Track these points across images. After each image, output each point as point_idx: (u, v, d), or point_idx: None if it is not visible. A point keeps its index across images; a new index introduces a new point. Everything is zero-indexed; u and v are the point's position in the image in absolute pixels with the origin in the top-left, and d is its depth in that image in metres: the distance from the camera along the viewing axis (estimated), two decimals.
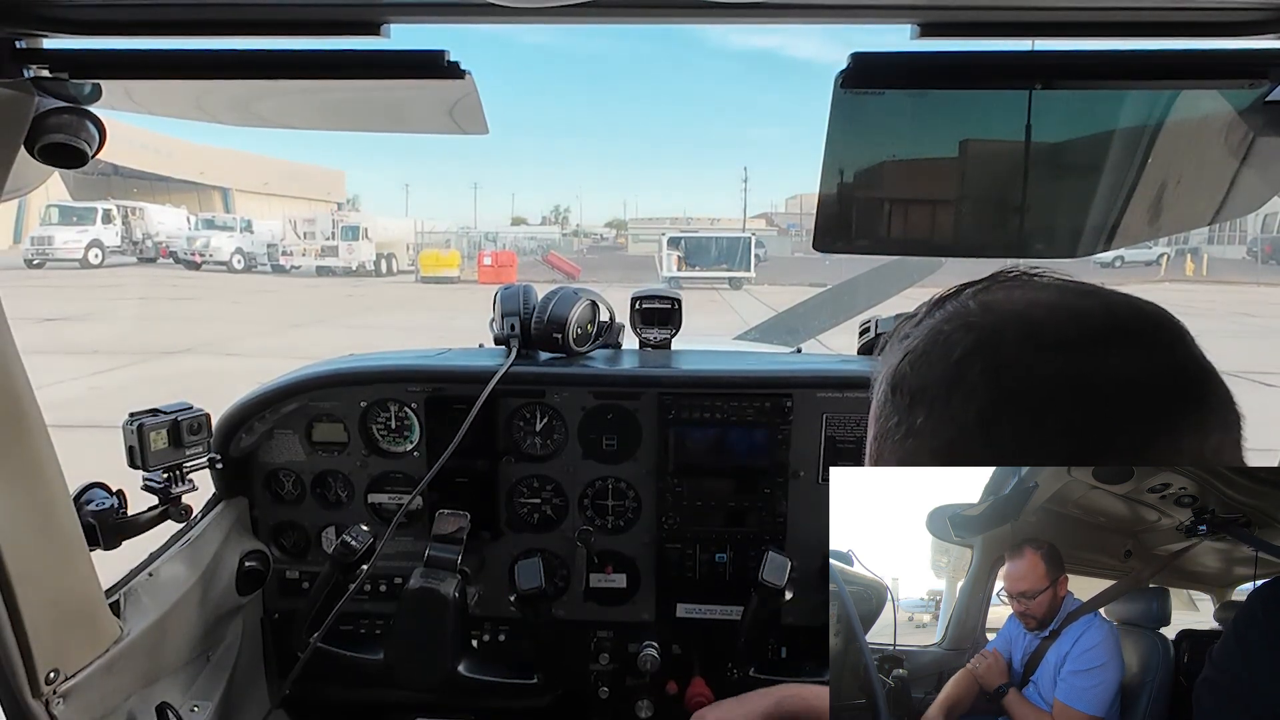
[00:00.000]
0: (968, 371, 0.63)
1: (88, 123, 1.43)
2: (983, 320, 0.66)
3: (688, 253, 32.56)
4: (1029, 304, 0.66)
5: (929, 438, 0.65)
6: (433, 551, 1.81)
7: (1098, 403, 0.58)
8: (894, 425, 0.69)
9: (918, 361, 0.67)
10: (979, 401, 0.62)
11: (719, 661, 1.92)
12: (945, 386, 0.64)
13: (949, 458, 0.63)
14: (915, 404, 0.66)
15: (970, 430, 0.62)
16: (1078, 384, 0.59)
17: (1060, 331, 0.62)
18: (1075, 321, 0.63)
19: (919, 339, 0.69)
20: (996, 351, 0.63)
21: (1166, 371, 0.60)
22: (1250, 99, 1.34)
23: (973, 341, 0.64)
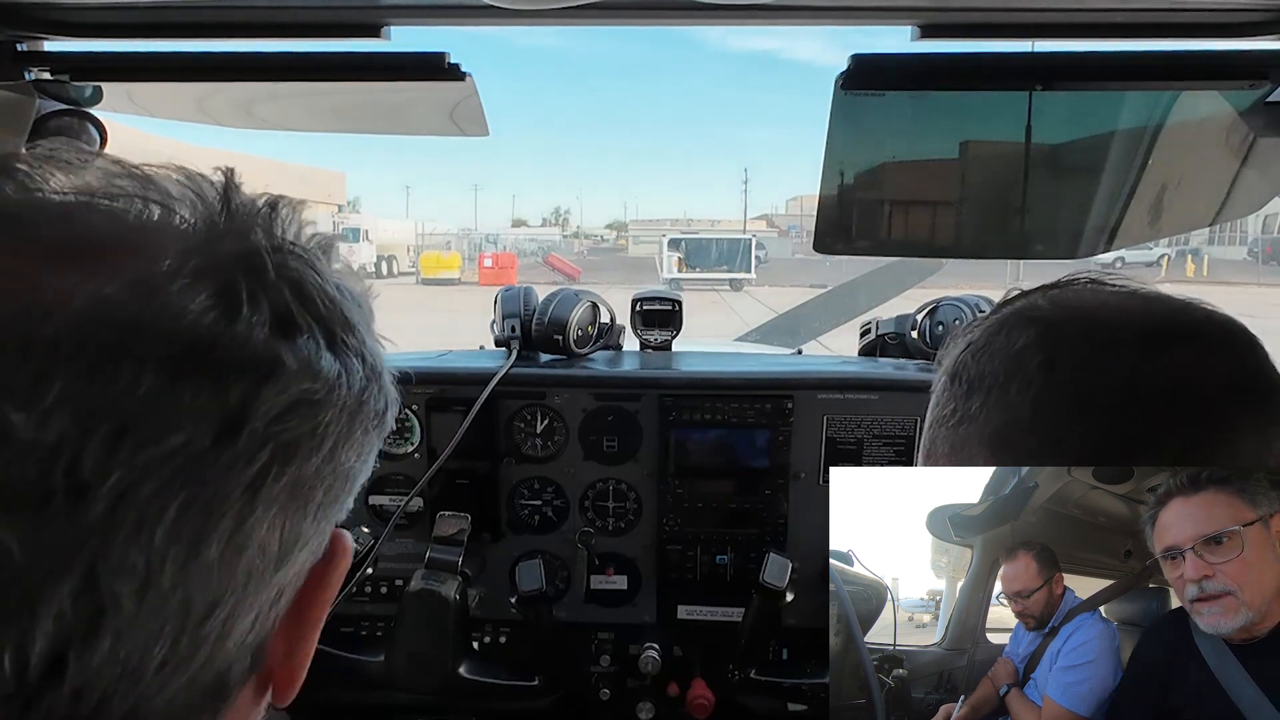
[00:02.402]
0: (1027, 363, 0.64)
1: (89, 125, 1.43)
2: (1048, 315, 0.67)
3: (688, 254, 32.58)
4: (1098, 304, 0.67)
5: (981, 424, 0.65)
6: (433, 553, 1.81)
7: (1148, 400, 0.59)
8: (949, 413, 0.69)
9: (979, 352, 0.68)
10: (1034, 391, 0.62)
11: (720, 663, 1.92)
12: (1003, 375, 0.65)
13: (999, 445, 0.64)
14: (972, 392, 0.67)
15: (1022, 418, 0.62)
16: (1131, 381, 0.60)
17: (1121, 330, 0.63)
18: (1138, 322, 0.64)
19: (982, 332, 0.70)
20: (1056, 345, 0.64)
21: (1229, 377, 0.60)
22: (1250, 100, 1.34)
23: (1034, 334, 0.65)
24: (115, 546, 0.37)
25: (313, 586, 0.50)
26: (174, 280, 0.39)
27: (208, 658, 0.42)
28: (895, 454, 1.90)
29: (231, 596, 0.41)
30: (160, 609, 0.38)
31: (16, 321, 0.36)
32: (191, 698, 0.42)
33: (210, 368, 0.39)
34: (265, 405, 0.41)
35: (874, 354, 2.25)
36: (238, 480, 0.40)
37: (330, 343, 0.46)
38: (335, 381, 0.45)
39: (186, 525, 0.38)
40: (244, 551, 0.41)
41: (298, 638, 0.50)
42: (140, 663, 0.39)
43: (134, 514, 0.37)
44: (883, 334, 2.24)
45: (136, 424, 0.37)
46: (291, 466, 0.43)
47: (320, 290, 0.46)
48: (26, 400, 0.35)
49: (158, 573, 0.38)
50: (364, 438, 0.50)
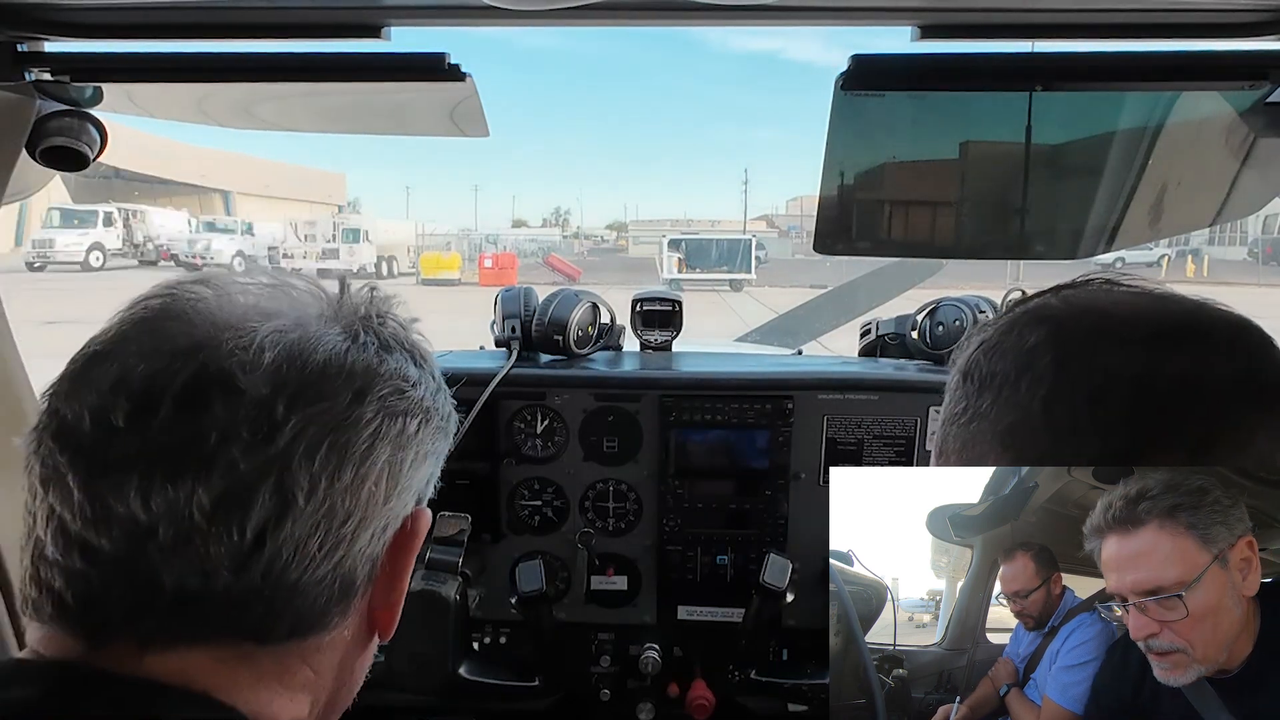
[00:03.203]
0: (1038, 360, 0.64)
1: (89, 126, 1.43)
2: (1061, 314, 0.67)
3: (688, 255, 32.54)
4: (1111, 303, 0.67)
5: (992, 421, 0.65)
6: (433, 554, 1.81)
7: (1158, 398, 0.59)
8: (960, 410, 0.69)
9: (991, 351, 0.68)
10: (1044, 389, 0.62)
11: (720, 664, 1.92)
12: (1014, 373, 0.65)
13: (1009, 441, 0.64)
14: (984, 389, 0.67)
15: (1032, 416, 0.62)
16: (1141, 378, 0.59)
17: (1133, 328, 0.63)
18: (1151, 320, 0.64)
19: (995, 330, 0.70)
20: (1068, 342, 0.64)
21: (1241, 377, 0.60)
22: (1250, 100, 1.34)
23: (1046, 332, 0.65)
24: (292, 465, 0.61)
25: (402, 540, 0.72)
26: (318, 323, 0.67)
27: (344, 554, 0.64)
28: (895, 454, 1.90)
29: (358, 512, 0.65)
30: (318, 509, 0.62)
31: (239, 339, 0.63)
32: (332, 587, 0.65)
33: (346, 365, 0.66)
34: (379, 387, 0.67)
35: (874, 354, 2.25)
36: (364, 432, 0.65)
37: (414, 360, 0.73)
38: (418, 381, 0.72)
39: (333, 457, 0.63)
40: (365, 481, 0.65)
41: (393, 582, 0.73)
42: (308, 543, 0.62)
43: (303, 446, 0.61)
44: (883, 334, 2.24)
45: (304, 393, 0.62)
46: (395, 427, 0.67)
47: (404, 332, 0.75)
48: (249, 377, 0.61)
49: (317, 485, 0.62)
50: (437, 431, 0.74)
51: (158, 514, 0.58)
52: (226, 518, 0.59)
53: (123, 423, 0.59)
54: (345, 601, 0.67)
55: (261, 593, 0.61)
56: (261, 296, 0.68)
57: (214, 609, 0.60)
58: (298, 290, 0.71)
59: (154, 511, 0.58)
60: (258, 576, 0.60)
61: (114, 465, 0.59)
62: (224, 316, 0.65)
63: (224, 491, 0.59)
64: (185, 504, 0.58)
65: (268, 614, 0.62)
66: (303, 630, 0.65)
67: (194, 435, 0.59)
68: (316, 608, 0.64)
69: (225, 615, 0.61)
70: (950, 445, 0.70)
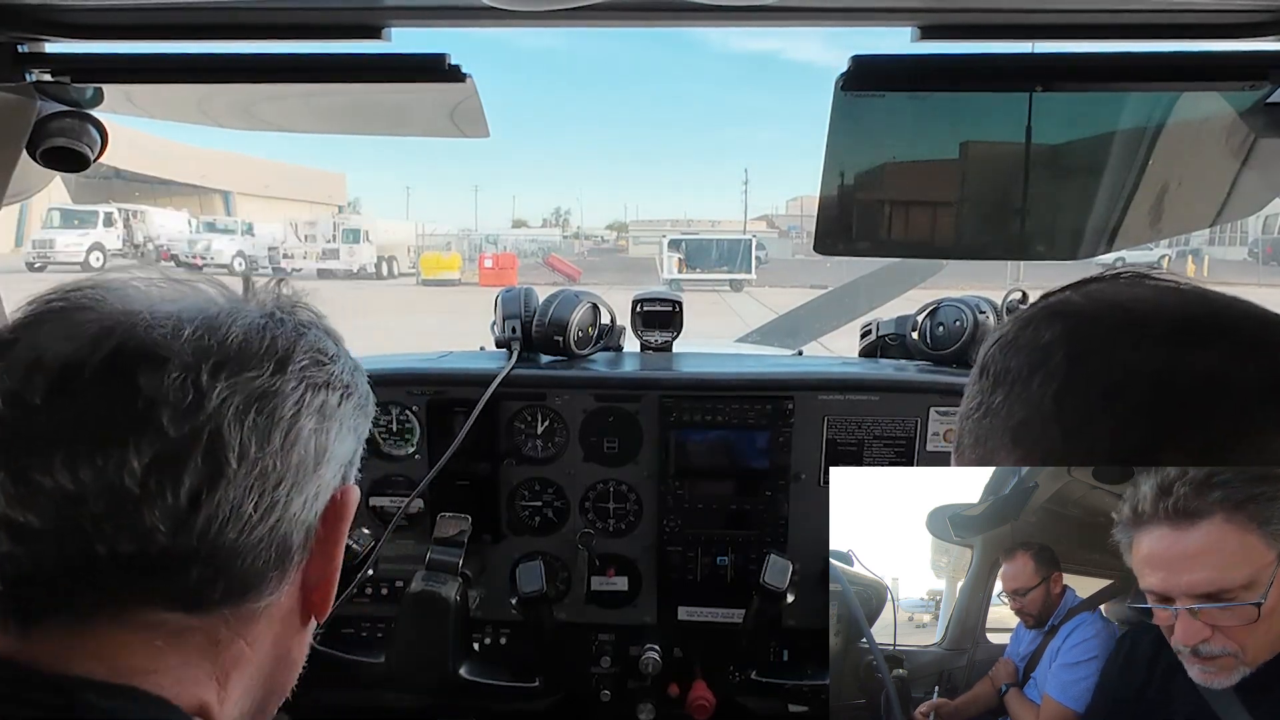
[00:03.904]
0: (1052, 355, 0.63)
1: (89, 126, 1.43)
2: (1080, 309, 0.66)
3: (688, 255, 32.53)
4: (1133, 298, 0.65)
5: (1004, 417, 0.65)
6: (434, 554, 1.81)
7: (1177, 395, 0.57)
8: (975, 405, 0.69)
9: (1007, 346, 0.68)
10: (1056, 383, 0.61)
11: (721, 664, 1.92)
12: (1027, 369, 0.64)
13: (1022, 436, 0.63)
14: (997, 385, 0.66)
15: (1044, 410, 0.62)
16: (1159, 374, 0.58)
17: (1153, 324, 0.61)
18: (1172, 316, 0.62)
19: (1013, 326, 0.69)
20: (1084, 338, 0.63)
21: (1264, 376, 0.57)
22: (1250, 101, 1.34)
23: (1062, 328, 0.64)
24: (223, 429, 0.63)
25: (332, 513, 0.75)
26: (245, 306, 0.72)
27: (279, 518, 0.67)
28: (896, 454, 1.90)
29: (290, 476, 0.67)
30: (250, 471, 0.64)
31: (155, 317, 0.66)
32: (269, 550, 0.67)
33: (265, 338, 0.69)
34: (298, 358, 0.70)
35: (874, 355, 2.25)
36: (288, 401, 0.68)
37: (329, 336, 0.78)
38: (336, 355, 0.76)
39: (260, 423, 0.65)
40: (294, 447, 0.68)
41: (327, 556, 0.76)
42: (243, 504, 0.64)
43: (231, 412, 0.64)
44: (883, 335, 2.24)
45: (227, 362, 0.65)
46: (318, 399, 0.71)
47: (316, 317, 0.79)
48: (170, 348, 0.64)
49: (248, 449, 0.64)
50: (358, 409, 0.78)
51: (87, 484, 0.59)
52: (160, 481, 0.60)
53: (40, 400, 0.60)
54: (282, 566, 0.69)
55: (199, 553, 0.62)
56: (164, 291, 0.70)
57: (151, 571, 0.62)
58: (200, 286, 0.73)
59: (83, 482, 0.59)
60: (194, 538, 0.62)
61: (36, 442, 0.60)
62: (132, 305, 0.67)
63: (155, 456, 0.60)
64: (116, 471, 0.59)
65: (205, 576, 0.64)
66: (239, 593, 0.67)
67: (120, 405, 0.61)
68: (254, 570, 0.66)
69: (162, 578, 0.62)
70: (965, 441, 0.69)
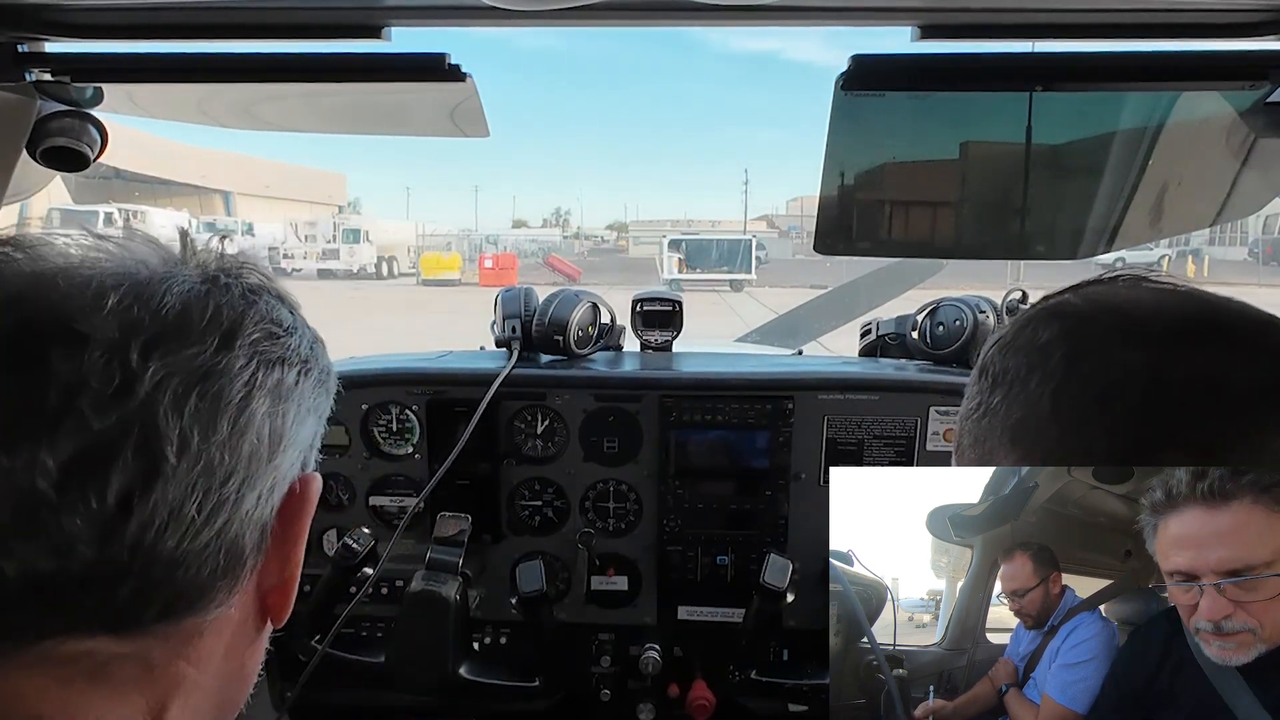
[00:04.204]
0: (1051, 355, 0.63)
1: (89, 126, 1.43)
2: (1078, 310, 0.66)
3: (689, 255, 32.56)
4: (1131, 300, 0.66)
5: (1002, 417, 0.65)
6: (434, 554, 1.81)
7: (1174, 395, 0.57)
8: (974, 406, 0.69)
9: (1006, 347, 0.68)
10: (1054, 383, 0.62)
11: (721, 664, 1.92)
12: (1025, 369, 0.64)
13: (1018, 437, 0.64)
14: (996, 385, 0.67)
15: (1041, 410, 0.62)
16: (1157, 375, 0.58)
17: (1150, 325, 0.62)
18: (1169, 317, 0.62)
19: (1012, 327, 0.70)
20: (1081, 338, 0.63)
21: (1261, 376, 0.58)
22: (1250, 100, 1.34)
23: (1060, 329, 0.65)
24: (158, 420, 0.53)
25: (291, 506, 0.65)
26: (165, 267, 0.60)
27: (227, 519, 0.57)
28: (896, 454, 1.90)
29: (240, 470, 0.57)
30: (193, 468, 0.54)
31: (72, 285, 0.55)
32: (217, 556, 0.57)
33: (208, 308, 0.59)
34: (249, 331, 0.60)
35: (874, 354, 2.25)
36: (237, 381, 0.58)
37: (283, 303, 0.67)
38: (292, 326, 0.65)
39: (204, 408, 0.55)
40: (245, 434, 0.58)
41: (286, 555, 0.66)
42: (183, 508, 0.54)
43: (168, 397, 0.53)
44: (883, 334, 2.24)
45: (162, 337, 0.55)
46: (272, 376, 0.61)
47: (268, 279, 0.67)
48: (91, 321, 0.53)
49: (188, 440, 0.54)
50: (318, 385, 0.68)
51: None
52: (81, 484, 0.51)
53: None
54: (233, 574, 0.60)
55: (130, 568, 0.53)
56: (86, 251, 0.59)
57: (71, 593, 0.52)
58: (131, 244, 0.61)
59: None
60: (125, 549, 0.52)
61: None
62: (45, 268, 0.56)
63: (75, 454, 0.50)
64: (25, 474, 0.50)
65: (139, 592, 0.54)
66: (180, 609, 0.57)
67: (27, 395, 0.51)
68: (199, 581, 0.57)
69: (86, 600, 0.53)
70: (965, 441, 0.70)
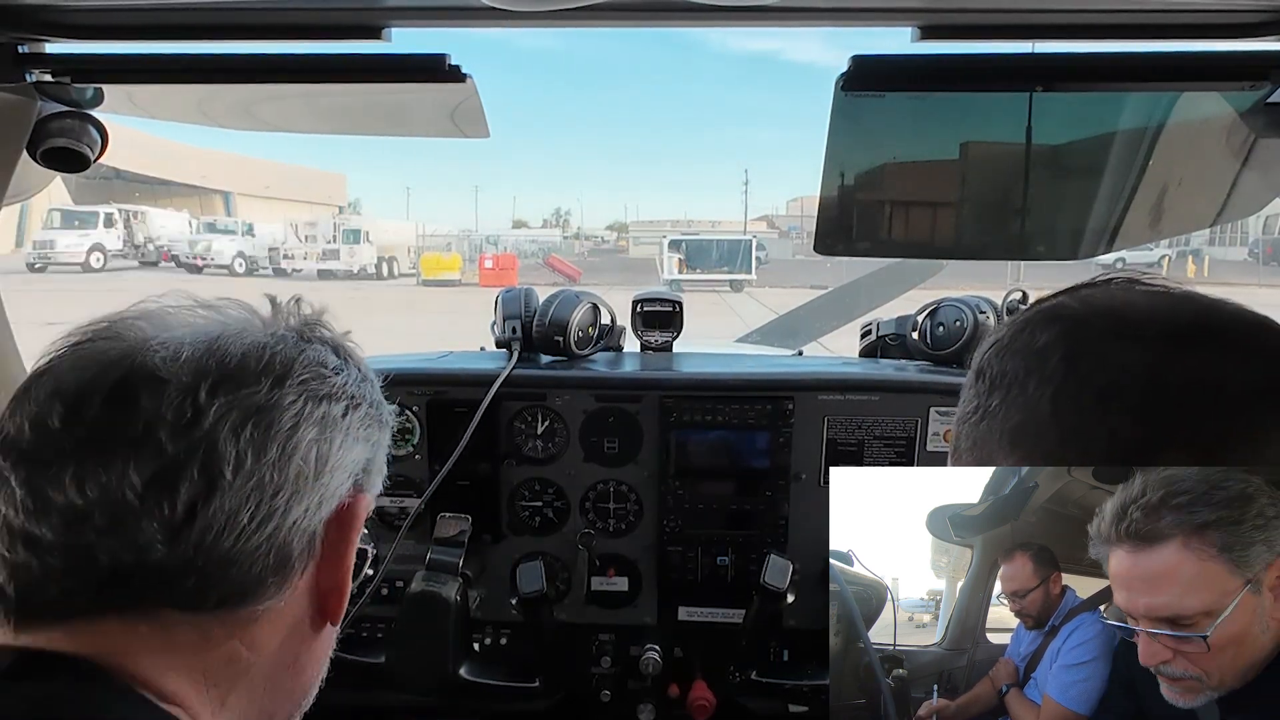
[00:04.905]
0: (1048, 358, 0.63)
1: (90, 127, 1.43)
2: (1075, 313, 0.67)
3: (689, 255, 32.53)
4: (1126, 302, 0.66)
5: (1001, 420, 0.65)
6: (434, 555, 1.81)
7: (1172, 397, 0.58)
8: (972, 409, 0.69)
9: (1003, 350, 0.68)
10: (1052, 386, 0.62)
11: (721, 664, 1.92)
12: (1023, 372, 0.64)
13: (1017, 440, 0.64)
14: (994, 388, 0.67)
15: (1040, 413, 0.62)
16: (1153, 377, 0.58)
17: (1146, 326, 0.62)
18: (1164, 319, 0.63)
19: (1009, 330, 0.70)
20: (1079, 340, 0.63)
21: (1257, 377, 0.58)
22: (1251, 101, 1.34)
23: (1058, 331, 0.65)
24: (218, 445, 0.67)
25: (340, 520, 0.76)
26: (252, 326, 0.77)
27: (276, 526, 0.69)
28: (896, 454, 1.90)
29: (288, 486, 0.70)
30: (245, 484, 0.67)
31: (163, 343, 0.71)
32: (267, 557, 0.69)
33: (265, 356, 0.72)
34: (298, 373, 0.73)
35: (875, 355, 2.25)
36: (287, 414, 0.71)
37: (334, 351, 0.80)
38: (339, 368, 0.78)
39: (257, 436, 0.68)
40: (293, 457, 0.70)
41: (336, 562, 0.77)
42: (239, 514, 0.67)
43: (228, 426, 0.67)
44: (883, 335, 2.24)
45: (225, 381, 0.69)
46: (319, 410, 0.73)
47: (324, 329, 0.82)
48: (169, 370, 0.68)
49: (244, 461, 0.67)
50: (367, 419, 0.80)
51: (93, 499, 0.64)
52: (158, 495, 0.64)
53: (58, 423, 0.66)
54: (282, 573, 0.71)
55: (194, 562, 0.66)
56: (187, 316, 0.76)
57: (147, 580, 0.65)
58: (229, 310, 0.78)
59: (89, 497, 0.64)
60: (190, 547, 0.65)
61: (51, 461, 0.65)
62: (146, 333, 0.72)
63: (155, 472, 0.65)
64: (118, 486, 0.64)
65: (201, 583, 0.67)
66: (236, 598, 0.69)
67: (123, 425, 0.65)
68: (251, 576, 0.69)
69: (158, 586, 0.66)
70: (962, 444, 0.70)
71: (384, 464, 0.85)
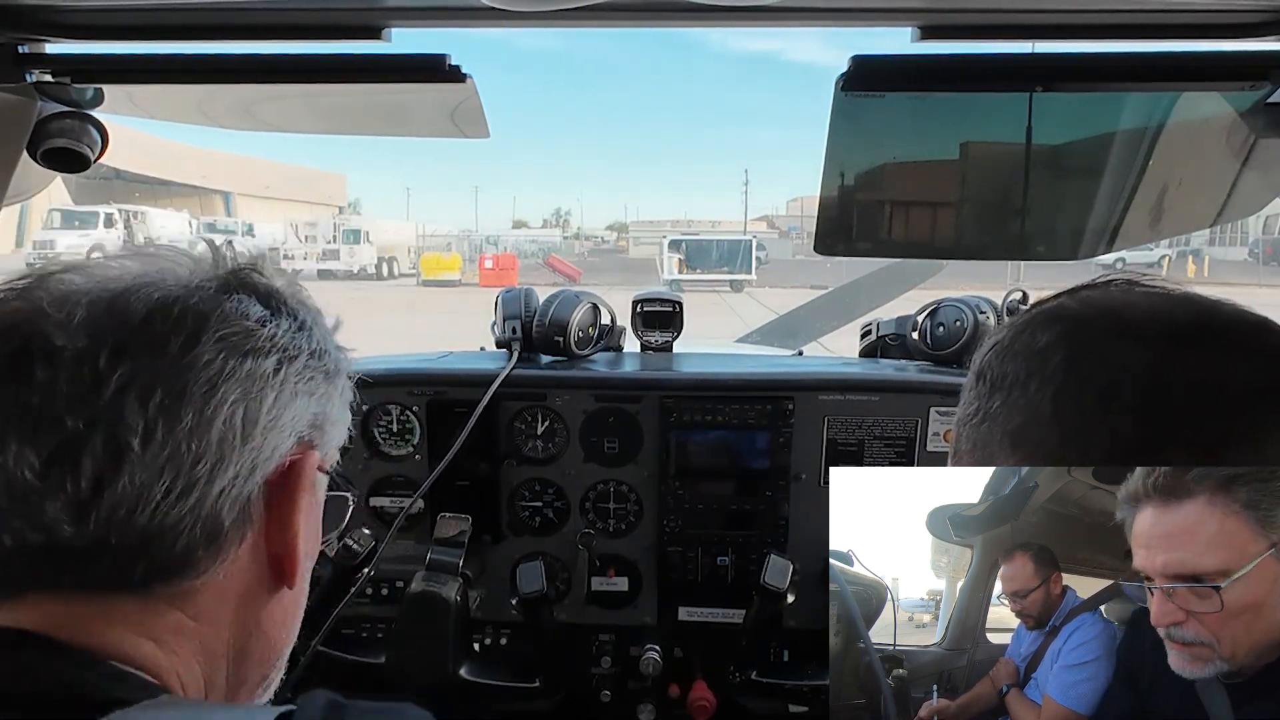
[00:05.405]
0: (1050, 359, 0.64)
1: (90, 127, 1.43)
2: (1075, 314, 0.67)
3: (689, 255, 32.53)
4: (1126, 303, 0.66)
5: (1002, 422, 0.65)
6: (434, 555, 1.81)
7: (1172, 397, 0.58)
8: (973, 411, 0.69)
9: (1004, 352, 0.68)
10: (1053, 388, 0.62)
11: (721, 664, 1.92)
12: (1024, 373, 0.65)
13: (1019, 440, 0.64)
14: (995, 390, 0.67)
15: (1041, 414, 0.62)
16: (1154, 377, 0.59)
17: (1146, 327, 0.62)
18: (1164, 320, 0.63)
19: (1009, 331, 0.70)
20: (1080, 341, 0.64)
21: (1257, 377, 0.58)
22: (1251, 101, 1.34)
23: (1059, 332, 0.65)
24: (123, 415, 0.61)
25: (282, 481, 0.71)
26: (164, 277, 0.69)
27: (199, 498, 0.64)
28: (896, 454, 1.90)
29: (211, 453, 0.64)
30: (158, 455, 0.62)
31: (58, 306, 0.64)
32: (193, 530, 0.64)
33: (173, 313, 0.66)
34: (214, 328, 0.66)
35: (875, 355, 2.25)
36: (203, 375, 0.65)
37: (260, 301, 0.72)
38: (265, 319, 0.71)
39: (168, 403, 0.63)
40: (214, 422, 0.64)
41: (283, 524, 0.72)
42: (151, 489, 0.62)
43: (134, 395, 0.62)
44: (883, 335, 2.24)
45: (129, 343, 0.63)
46: (243, 367, 0.67)
47: (253, 275, 0.74)
48: (62, 333, 0.63)
49: (153, 431, 0.62)
50: (308, 369, 0.73)
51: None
52: (59, 472, 0.61)
53: None
54: (215, 545, 0.67)
55: (107, 540, 0.62)
56: (110, 270, 0.69)
57: (59, 560, 0.62)
58: (161, 260, 0.72)
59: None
60: (101, 525, 0.62)
61: None
62: (37, 296, 0.66)
63: (53, 449, 0.61)
64: (15, 466, 0.61)
65: (120, 560, 0.63)
66: (162, 575, 0.65)
67: (16, 402, 0.62)
68: (175, 552, 0.65)
69: (74, 566, 0.63)
70: (963, 446, 0.70)
71: (342, 416, 0.79)
